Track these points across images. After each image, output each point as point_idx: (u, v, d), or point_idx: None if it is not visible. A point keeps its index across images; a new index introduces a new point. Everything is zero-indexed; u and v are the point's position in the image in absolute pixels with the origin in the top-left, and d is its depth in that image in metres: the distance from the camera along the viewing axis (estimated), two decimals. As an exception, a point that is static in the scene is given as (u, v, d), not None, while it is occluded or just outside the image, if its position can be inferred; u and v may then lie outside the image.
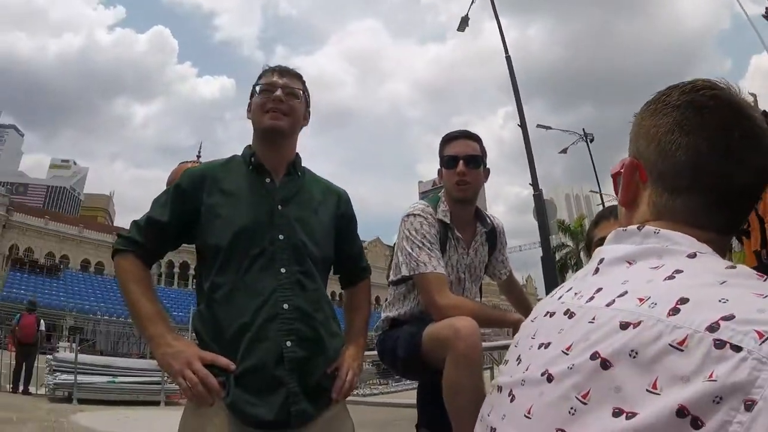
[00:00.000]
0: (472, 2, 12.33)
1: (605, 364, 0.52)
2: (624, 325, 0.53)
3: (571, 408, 0.53)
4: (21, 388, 9.26)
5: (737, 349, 0.44)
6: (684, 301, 0.50)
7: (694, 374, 0.45)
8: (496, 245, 2.12)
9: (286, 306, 1.35)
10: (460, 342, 1.53)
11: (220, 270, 1.38)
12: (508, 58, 10.41)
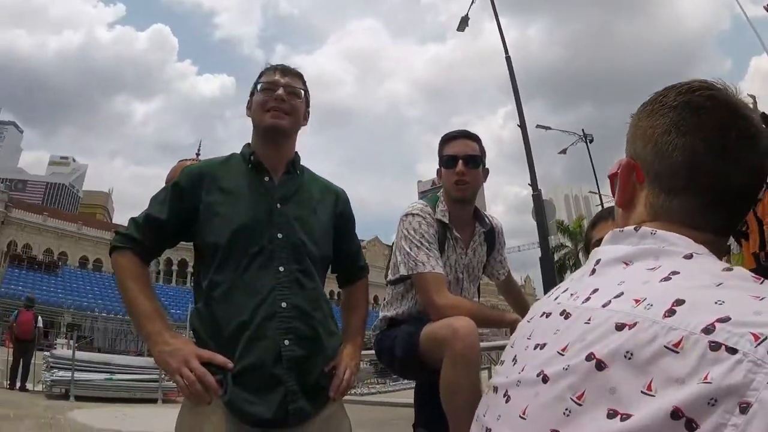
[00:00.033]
0: (472, 2, 12.35)
1: (600, 365, 0.52)
2: (620, 326, 0.52)
3: (566, 409, 0.53)
4: (18, 384, 9.27)
5: (733, 351, 0.44)
6: (680, 302, 0.50)
7: (689, 376, 0.45)
8: (495, 245, 2.12)
9: (284, 304, 1.35)
10: (457, 342, 1.53)
11: (218, 268, 1.38)
12: (508, 59, 10.41)
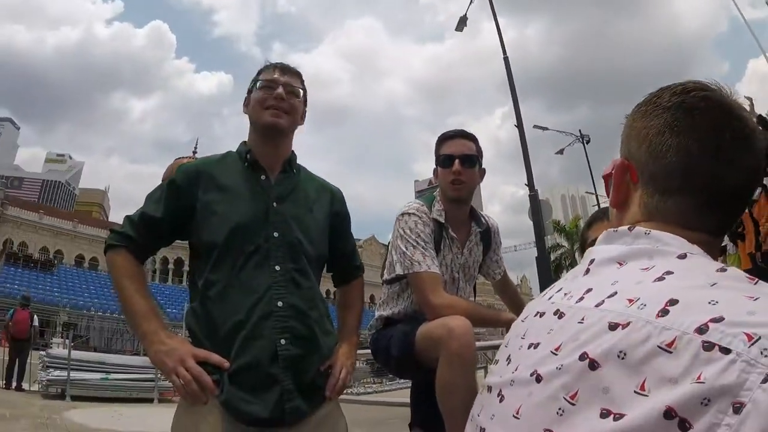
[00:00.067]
0: (471, 2, 12.35)
1: (593, 365, 0.52)
2: (613, 326, 0.52)
3: (560, 408, 0.53)
4: (14, 384, 9.20)
5: (726, 351, 0.44)
6: (673, 302, 0.50)
7: (682, 376, 0.45)
8: (491, 245, 2.13)
9: (280, 303, 1.35)
10: (453, 341, 1.53)
11: (214, 267, 1.37)
12: (506, 59, 10.42)
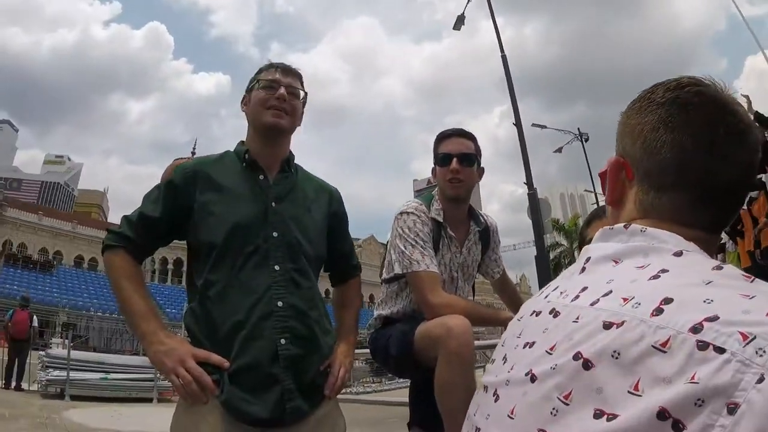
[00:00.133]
0: (468, 1, 12.33)
1: (587, 365, 0.51)
2: (607, 325, 0.52)
3: (553, 408, 0.53)
4: (13, 384, 9.21)
5: (720, 350, 0.43)
6: (668, 301, 0.49)
7: (676, 376, 0.44)
8: (490, 244, 2.13)
9: (280, 303, 1.35)
10: (452, 340, 1.53)
11: (213, 267, 1.37)
12: (504, 57, 10.41)
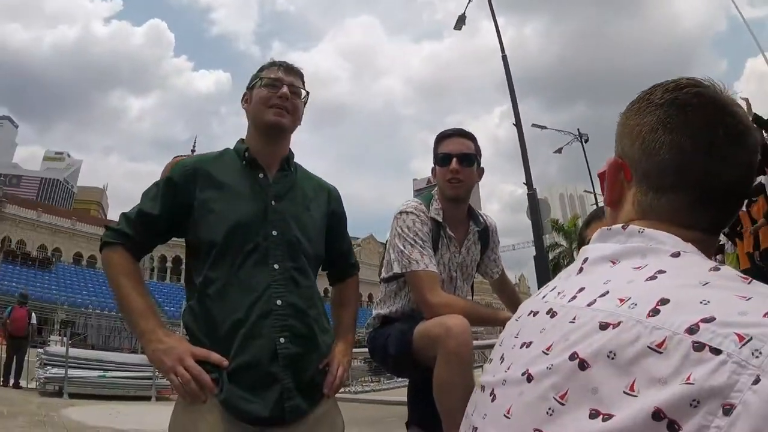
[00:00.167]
0: (469, 1, 12.33)
1: (583, 365, 0.51)
2: (603, 326, 0.52)
3: (549, 408, 0.53)
4: (11, 381, 9.21)
5: (716, 351, 0.43)
6: (664, 302, 0.49)
7: (672, 377, 0.44)
8: (489, 244, 2.13)
9: (279, 302, 1.35)
10: (450, 340, 1.53)
11: (213, 265, 1.37)
12: (504, 58, 10.42)
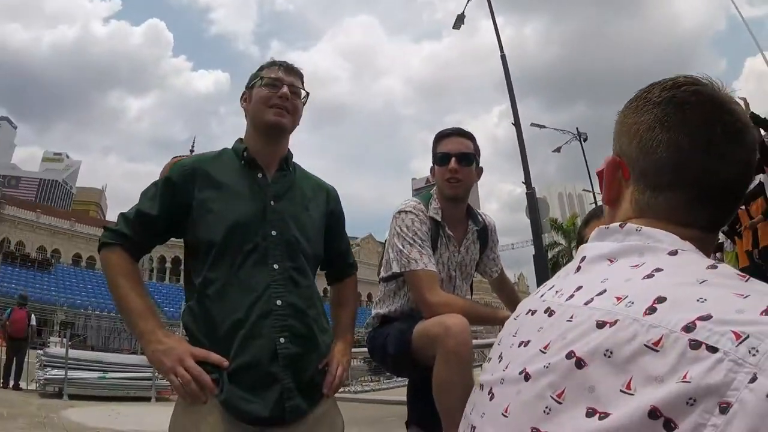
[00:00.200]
0: (468, 0, 12.33)
1: (580, 364, 0.51)
2: (600, 324, 0.52)
3: (546, 407, 0.53)
4: (11, 383, 9.20)
5: (713, 350, 0.43)
6: (661, 300, 0.49)
7: (668, 375, 0.44)
8: (488, 243, 2.13)
9: (279, 302, 1.35)
10: (450, 339, 1.53)
11: (212, 265, 1.37)
12: (503, 57, 10.41)
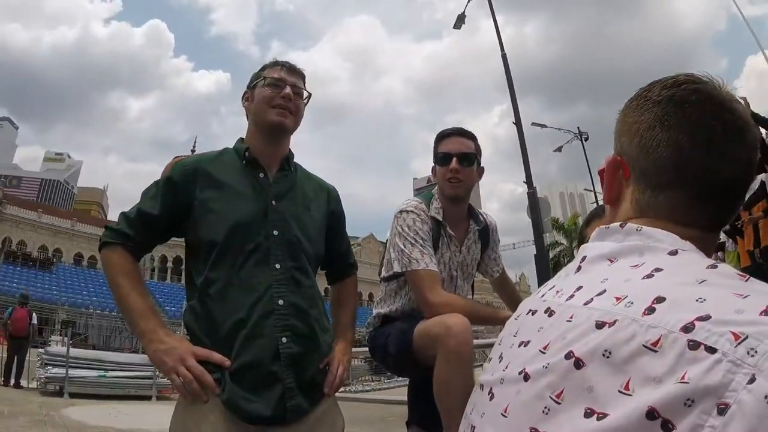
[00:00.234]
0: (469, 0, 12.32)
1: (579, 364, 0.51)
2: (599, 325, 0.52)
3: (545, 407, 0.53)
4: (12, 381, 9.23)
5: (712, 350, 0.43)
6: (660, 300, 0.49)
7: (666, 375, 0.44)
8: (489, 243, 2.13)
9: (281, 302, 1.35)
10: (451, 339, 1.53)
11: (214, 265, 1.36)
12: (504, 56, 10.39)
